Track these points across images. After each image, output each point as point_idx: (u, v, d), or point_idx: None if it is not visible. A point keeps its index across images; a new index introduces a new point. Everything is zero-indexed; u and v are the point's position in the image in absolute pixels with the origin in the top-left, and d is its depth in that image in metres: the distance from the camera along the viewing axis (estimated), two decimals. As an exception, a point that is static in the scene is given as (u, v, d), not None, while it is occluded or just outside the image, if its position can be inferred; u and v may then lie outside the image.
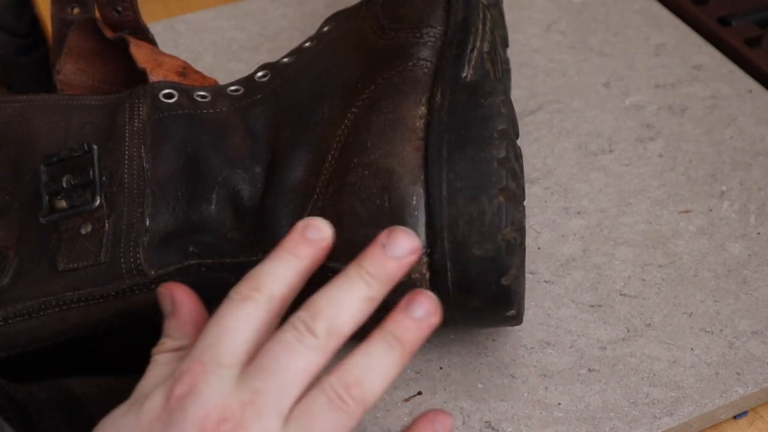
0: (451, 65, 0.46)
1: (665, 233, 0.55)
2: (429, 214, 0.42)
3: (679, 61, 0.67)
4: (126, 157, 0.48)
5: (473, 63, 0.47)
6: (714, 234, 0.55)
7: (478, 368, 0.49)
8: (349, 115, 0.46)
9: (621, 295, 0.52)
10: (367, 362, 0.37)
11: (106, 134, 0.49)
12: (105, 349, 0.67)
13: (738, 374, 0.48)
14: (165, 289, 0.42)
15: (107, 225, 0.47)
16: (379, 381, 0.37)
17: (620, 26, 0.70)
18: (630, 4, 0.72)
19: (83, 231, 0.47)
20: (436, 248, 0.42)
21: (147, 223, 0.46)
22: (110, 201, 0.47)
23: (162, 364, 0.40)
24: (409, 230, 0.40)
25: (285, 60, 0.52)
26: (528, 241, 0.55)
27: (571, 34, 0.69)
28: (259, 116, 0.50)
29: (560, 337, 0.50)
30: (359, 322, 0.38)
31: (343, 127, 0.46)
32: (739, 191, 0.57)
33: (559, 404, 0.47)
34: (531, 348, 0.49)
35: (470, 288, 0.43)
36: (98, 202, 0.47)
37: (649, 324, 0.50)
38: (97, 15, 0.56)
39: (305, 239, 0.40)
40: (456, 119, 0.44)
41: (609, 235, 0.55)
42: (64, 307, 0.46)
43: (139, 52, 0.53)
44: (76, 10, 0.57)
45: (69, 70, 0.56)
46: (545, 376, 0.48)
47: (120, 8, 0.55)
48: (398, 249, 0.39)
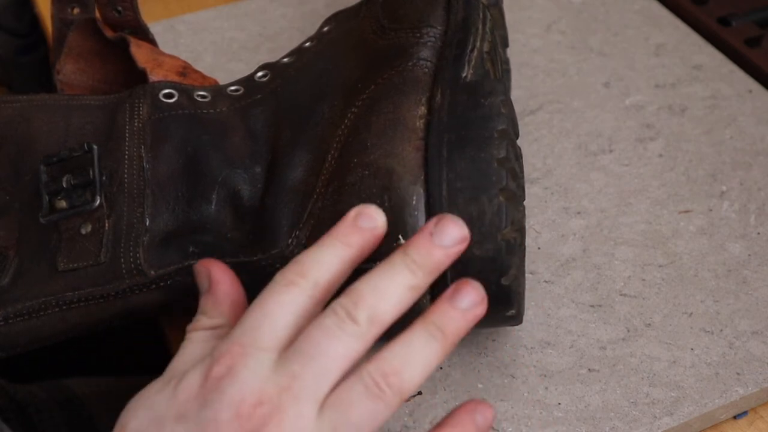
0: (451, 65, 0.46)
1: (665, 233, 0.55)
2: (429, 214, 0.42)
3: (679, 61, 0.67)
4: (126, 157, 0.48)
5: (473, 63, 0.47)
6: (714, 234, 0.55)
7: (478, 368, 0.49)
8: (349, 115, 0.46)
9: (621, 295, 0.52)
10: (408, 351, 0.36)
11: (106, 134, 0.49)
12: (105, 349, 0.67)
13: (738, 374, 0.48)
14: (202, 266, 0.41)
15: (107, 225, 0.47)
16: (419, 371, 0.36)
17: (620, 26, 0.70)
18: (630, 4, 0.72)
19: (83, 231, 0.47)
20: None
21: (147, 223, 0.46)
22: (110, 201, 0.47)
23: (198, 342, 0.39)
24: (458, 219, 0.39)
25: (285, 60, 0.52)
26: (528, 241, 0.55)
27: (571, 34, 0.69)
28: (259, 116, 0.50)
29: (560, 337, 0.50)
30: (401, 311, 0.37)
31: (343, 127, 0.46)
32: (739, 191, 0.57)
33: (559, 404, 0.47)
34: (531, 348, 0.49)
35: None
36: (98, 202, 0.47)
37: (649, 324, 0.50)
38: (97, 15, 0.56)
39: (357, 227, 0.39)
40: (456, 119, 0.44)
41: (609, 235, 0.55)
42: (64, 307, 0.46)
43: (139, 52, 0.53)
44: (76, 10, 0.57)
45: (69, 70, 0.56)
46: (545, 376, 0.48)
47: (120, 8, 0.55)
48: (447, 238, 0.38)
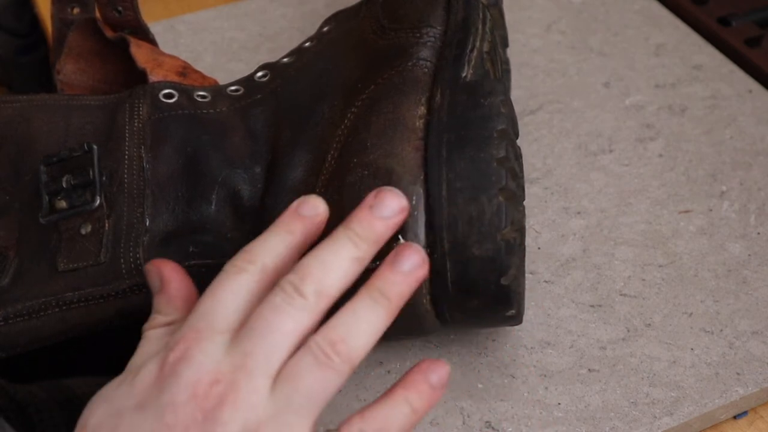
0: (451, 65, 0.46)
1: (665, 233, 0.55)
2: (428, 214, 0.42)
3: (679, 61, 0.67)
4: (126, 157, 0.48)
5: (473, 63, 0.47)
6: (714, 234, 0.55)
7: (478, 368, 0.49)
8: (349, 115, 0.46)
9: (621, 295, 0.52)
10: (353, 319, 0.37)
11: (106, 134, 0.49)
12: (105, 349, 0.67)
13: (738, 374, 0.48)
14: (152, 266, 0.42)
15: (107, 225, 0.47)
16: (365, 337, 0.37)
17: (620, 26, 0.70)
18: (630, 4, 0.72)
19: (83, 231, 0.47)
20: (436, 248, 0.42)
21: (147, 223, 0.46)
22: (110, 201, 0.47)
23: (154, 339, 0.40)
24: (396, 190, 0.40)
25: (285, 60, 0.52)
26: (528, 241, 0.55)
27: (571, 34, 0.69)
28: (259, 116, 0.50)
29: (560, 337, 0.50)
30: (348, 283, 0.38)
31: (343, 127, 0.46)
32: (739, 191, 0.57)
33: (559, 404, 0.47)
34: (531, 348, 0.49)
35: (470, 288, 0.43)
36: (98, 202, 0.47)
37: (649, 324, 0.50)
38: (97, 15, 0.56)
39: (298, 215, 0.40)
40: (456, 119, 0.44)
41: (609, 235, 0.55)
42: (64, 307, 0.46)
43: (139, 52, 0.53)
44: (76, 10, 0.57)
45: (69, 70, 0.56)
46: (545, 376, 0.48)
47: (120, 8, 0.55)
48: (386, 209, 0.39)
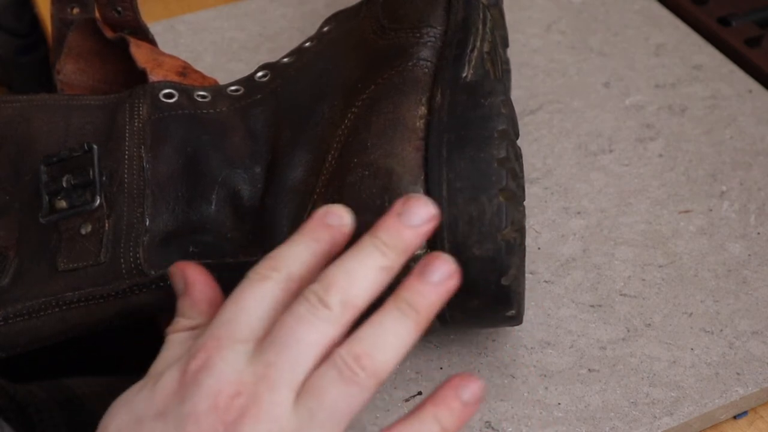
0: (451, 65, 0.46)
1: (665, 233, 0.55)
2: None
3: (679, 61, 0.67)
4: (126, 157, 0.48)
5: (473, 63, 0.47)
6: (714, 234, 0.55)
7: (478, 368, 0.49)
8: (349, 115, 0.46)
9: (621, 295, 0.52)
10: (379, 332, 0.36)
11: (106, 134, 0.49)
12: (105, 349, 0.67)
13: (738, 374, 0.48)
14: (176, 269, 0.41)
15: (107, 225, 0.47)
16: (392, 351, 0.36)
17: (620, 26, 0.70)
18: (630, 4, 0.72)
19: (83, 231, 0.47)
20: (436, 248, 0.42)
21: (147, 223, 0.46)
22: (110, 201, 0.47)
23: (177, 344, 0.39)
24: (426, 197, 0.38)
25: (285, 60, 0.52)
26: (528, 241, 0.55)
27: (571, 34, 0.69)
28: (259, 116, 0.50)
29: (560, 337, 0.50)
30: (375, 293, 0.37)
31: (343, 127, 0.46)
32: (739, 191, 0.57)
33: (559, 404, 0.47)
34: (531, 348, 0.49)
35: (470, 288, 0.43)
36: (98, 202, 0.47)
37: (649, 324, 0.50)
38: (97, 15, 0.56)
39: (324, 224, 0.39)
40: (456, 119, 0.44)
41: (609, 235, 0.55)
42: (64, 307, 0.46)
43: (139, 52, 0.53)
44: (76, 10, 0.57)
45: (69, 70, 0.56)
46: (545, 376, 0.48)
47: (120, 8, 0.55)
48: (414, 217, 0.38)
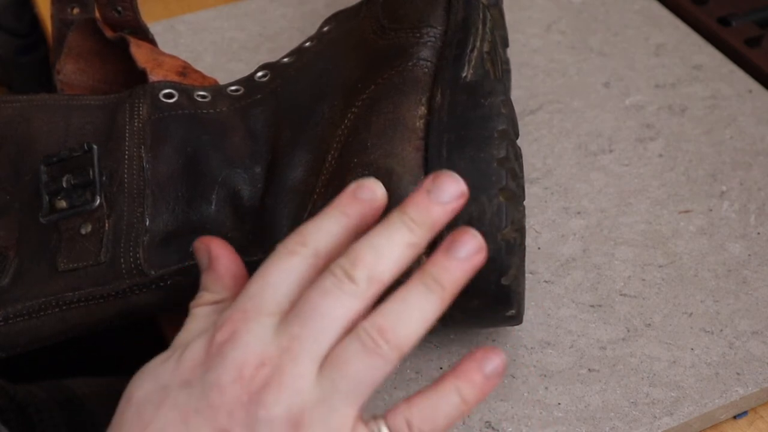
0: (451, 65, 0.46)
1: (665, 233, 0.55)
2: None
3: (679, 61, 0.67)
4: (126, 157, 0.48)
5: (473, 63, 0.47)
6: (714, 234, 0.55)
7: (478, 368, 0.49)
8: (349, 115, 0.46)
9: (621, 295, 0.52)
10: (404, 306, 0.36)
11: (106, 134, 0.49)
12: (105, 349, 0.67)
13: (738, 374, 0.48)
14: (201, 243, 0.41)
15: (107, 225, 0.47)
16: (416, 325, 0.36)
17: (620, 26, 0.70)
18: (630, 4, 0.72)
19: (83, 231, 0.47)
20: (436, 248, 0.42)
21: (147, 223, 0.46)
22: (110, 201, 0.47)
23: (201, 317, 0.39)
24: (456, 174, 0.38)
25: (285, 60, 0.52)
26: (528, 241, 0.55)
27: (571, 34, 0.69)
28: (259, 116, 0.50)
29: (560, 337, 0.50)
30: (401, 269, 0.37)
31: (343, 127, 0.46)
32: (739, 191, 0.57)
33: (559, 404, 0.47)
34: (531, 348, 0.49)
35: (470, 288, 0.42)
36: (98, 202, 0.47)
37: (649, 324, 0.50)
38: (97, 15, 0.56)
39: (355, 198, 0.38)
40: (456, 119, 0.44)
41: (609, 235, 0.55)
42: (64, 307, 0.46)
43: (139, 52, 0.53)
44: (76, 10, 0.57)
45: (69, 70, 0.56)
46: (545, 376, 0.48)
47: (120, 8, 0.55)
48: (444, 194, 0.37)
